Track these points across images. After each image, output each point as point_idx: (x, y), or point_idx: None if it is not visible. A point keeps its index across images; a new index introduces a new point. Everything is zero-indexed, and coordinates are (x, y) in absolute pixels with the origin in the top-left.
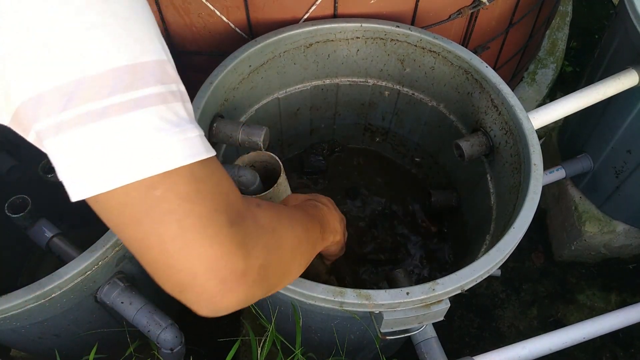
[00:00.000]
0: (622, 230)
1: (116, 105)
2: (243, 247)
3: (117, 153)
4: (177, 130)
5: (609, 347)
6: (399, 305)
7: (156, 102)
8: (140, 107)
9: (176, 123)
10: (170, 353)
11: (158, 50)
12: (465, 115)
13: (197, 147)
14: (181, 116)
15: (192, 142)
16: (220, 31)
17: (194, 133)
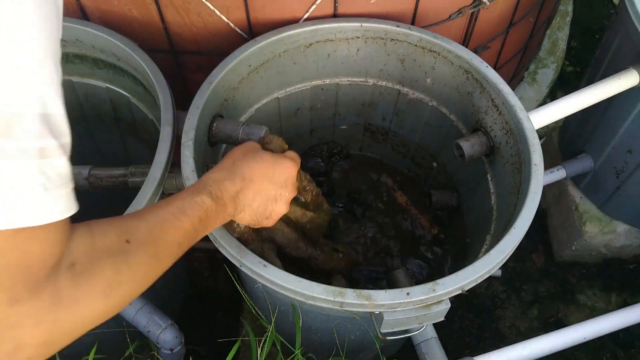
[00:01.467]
0: (623, 230)
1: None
2: (15, 328)
3: None
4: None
5: (610, 348)
6: (399, 306)
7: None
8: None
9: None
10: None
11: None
12: (465, 115)
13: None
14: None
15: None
16: (220, 31)
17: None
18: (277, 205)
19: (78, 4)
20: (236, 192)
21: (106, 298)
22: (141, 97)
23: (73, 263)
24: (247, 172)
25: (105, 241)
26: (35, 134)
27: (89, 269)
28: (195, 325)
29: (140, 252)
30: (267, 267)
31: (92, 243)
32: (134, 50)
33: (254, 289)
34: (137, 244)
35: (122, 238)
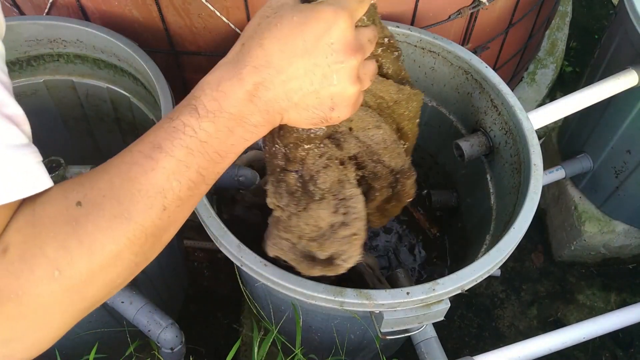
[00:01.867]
0: (622, 230)
1: None
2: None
3: None
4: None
5: (609, 347)
6: (399, 305)
7: None
8: None
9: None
10: (171, 352)
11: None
12: (465, 115)
13: None
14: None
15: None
16: (220, 32)
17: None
18: (336, 88)
19: (79, 4)
20: (248, 92)
21: (54, 283)
22: (142, 97)
23: (6, 247)
24: (260, 54)
25: (48, 211)
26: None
27: (27, 250)
28: (196, 325)
29: (97, 215)
30: (267, 266)
31: (32, 216)
32: (135, 50)
33: (255, 289)
34: (91, 204)
35: (71, 201)
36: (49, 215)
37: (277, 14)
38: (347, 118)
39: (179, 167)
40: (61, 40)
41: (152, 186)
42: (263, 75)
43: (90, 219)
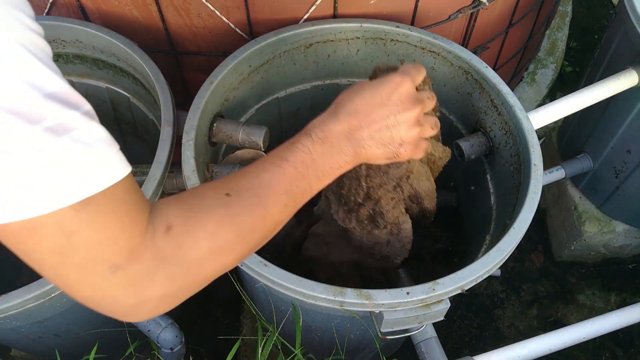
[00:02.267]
0: (622, 230)
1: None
2: (131, 287)
3: None
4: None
5: (609, 347)
6: (399, 305)
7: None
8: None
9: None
10: (171, 352)
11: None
12: (465, 115)
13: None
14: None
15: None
16: (220, 31)
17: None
18: (403, 129)
19: (78, 4)
20: (344, 129)
21: (213, 251)
22: (141, 97)
23: (169, 226)
24: (350, 106)
25: (203, 200)
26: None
27: (189, 228)
28: (195, 325)
29: (242, 202)
30: (267, 266)
31: (188, 205)
32: (134, 50)
33: (254, 289)
34: (237, 195)
35: (221, 193)
36: (204, 203)
37: (360, 84)
38: (411, 158)
39: (298, 175)
40: (60, 40)
41: (280, 186)
42: (353, 118)
43: (238, 204)
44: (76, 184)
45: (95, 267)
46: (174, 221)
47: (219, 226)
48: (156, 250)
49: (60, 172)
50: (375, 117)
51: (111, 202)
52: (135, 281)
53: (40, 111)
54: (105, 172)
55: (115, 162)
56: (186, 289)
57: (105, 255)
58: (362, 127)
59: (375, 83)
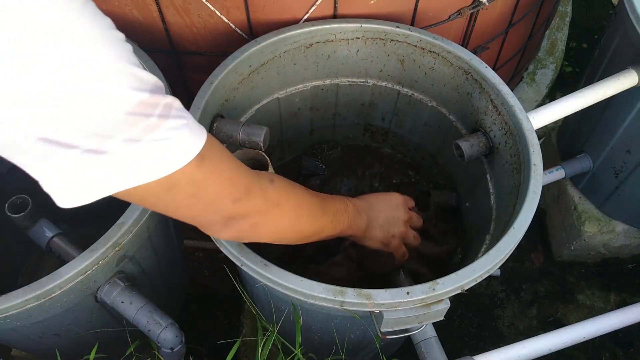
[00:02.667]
0: (622, 230)
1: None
2: (248, 214)
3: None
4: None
5: (609, 347)
6: (399, 305)
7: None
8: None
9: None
10: (171, 352)
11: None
12: (465, 115)
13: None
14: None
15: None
16: (220, 31)
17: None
18: (396, 226)
19: None
20: (361, 216)
21: (293, 216)
22: None
23: (272, 180)
24: (368, 207)
25: (295, 189)
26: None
27: (285, 188)
28: (196, 325)
29: (308, 212)
30: (267, 266)
31: (279, 177)
32: (135, 50)
33: (255, 289)
34: (308, 208)
35: (305, 193)
36: (274, 196)
37: (376, 194)
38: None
39: (330, 226)
40: None
41: (311, 221)
42: (368, 212)
43: (286, 211)
44: (190, 144)
45: (222, 201)
46: (275, 178)
47: (297, 205)
48: (263, 192)
49: (176, 140)
50: (381, 215)
51: (216, 150)
52: (251, 210)
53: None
54: (198, 131)
55: (197, 123)
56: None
57: (229, 192)
58: (371, 218)
59: (384, 195)
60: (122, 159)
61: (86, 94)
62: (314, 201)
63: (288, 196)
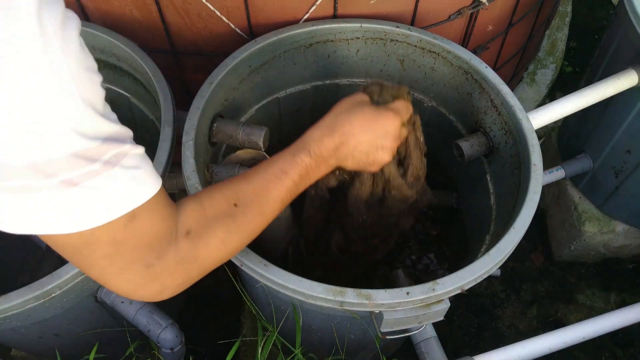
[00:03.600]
0: (622, 230)
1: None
2: (157, 279)
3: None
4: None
5: (609, 347)
6: (399, 305)
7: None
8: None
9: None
10: (171, 353)
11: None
12: (464, 115)
13: (114, 207)
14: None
15: (110, 203)
16: (220, 32)
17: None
18: (380, 154)
19: (78, 4)
20: (336, 146)
21: (220, 251)
22: (141, 98)
23: (188, 231)
24: (348, 127)
25: (215, 208)
26: (108, 151)
27: (203, 233)
28: (195, 325)
29: (247, 213)
30: (267, 266)
31: (203, 212)
32: (134, 50)
33: (255, 289)
34: (244, 206)
35: (230, 202)
36: (217, 212)
37: (361, 106)
38: (373, 171)
39: (294, 187)
40: None
41: (279, 197)
42: (347, 138)
43: (243, 215)
44: (125, 200)
45: (134, 267)
46: (192, 227)
47: (226, 233)
48: (177, 251)
49: (113, 192)
50: (362, 141)
51: (152, 211)
52: (160, 275)
53: (98, 151)
54: (145, 188)
55: (152, 177)
56: (196, 277)
57: (143, 257)
58: (349, 147)
59: (375, 112)
60: (52, 201)
61: (35, 130)
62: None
63: (206, 241)
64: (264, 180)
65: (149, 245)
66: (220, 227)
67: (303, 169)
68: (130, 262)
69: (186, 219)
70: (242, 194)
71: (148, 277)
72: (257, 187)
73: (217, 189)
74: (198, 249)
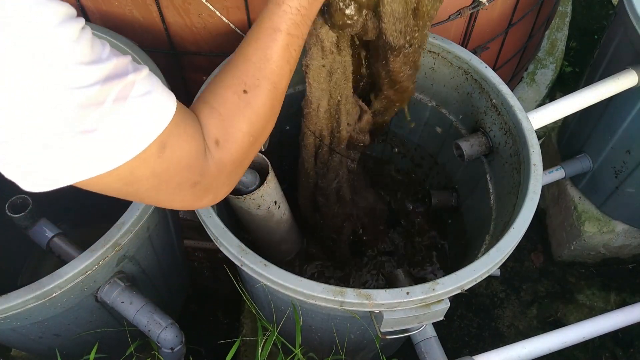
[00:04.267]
0: (622, 230)
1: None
2: (207, 192)
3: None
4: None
5: (609, 347)
6: (399, 305)
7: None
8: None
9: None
10: (171, 352)
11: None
12: (465, 115)
13: (141, 137)
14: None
15: (135, 135)
16: (220, 31)
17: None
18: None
19: (79, 4)
20: None
21: (251, 141)
22: None
23: (217, 140)
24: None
25: (228, 105)
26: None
27: (229, 136)
28: (196, 325)
29: (259, 94)
30: (267, 266)
31: (219, 115)
32: (134, 50)
33: (255, 289)
34: (253, 87)
35: (239, 91)
36: (230, 109)
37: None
38: None
39: (293, 39)
40: None
41: (283, 58)
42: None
43: (256, 97)
44: (149, 127)
45: (182, 189)
46: (217, 134)
47: (250, 124)
48: (215, 162)
49: (135, 124)
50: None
51: (178, 135)
52: (209, 187)
53: (102, 93)
54: (163, 111)
55: (165, 95)
56: (242, 171)
57: (187, 179)
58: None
59: None
60: (76, 150)
61: (39, 88)
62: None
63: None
64: (259, 50)
65: (187, 167)
66: (241, 122)
67: (295, 15)
68: (176, 187)
69: (209, 129)
70: (246, 76)
71: (199, 193)
72: (257, 61)
73: (220, 83)
74: (231, 151)
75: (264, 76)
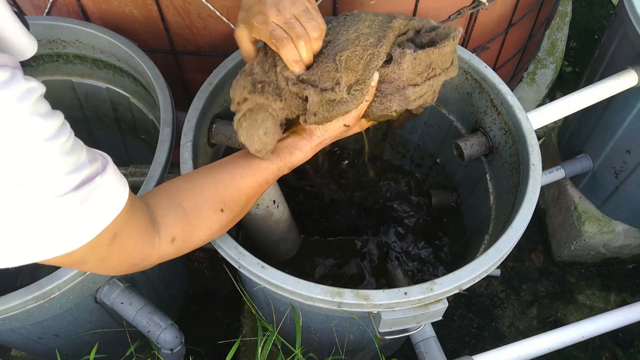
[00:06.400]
0: (622, 230)
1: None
2: (139, 269)
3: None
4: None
5: (609, 347)
6: (397, 305)
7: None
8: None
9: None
10: (170, 353)
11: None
12: (464, 115)
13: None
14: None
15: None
16: (220, 32)
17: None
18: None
19: (79, 4)
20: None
21: (203, 243)
22: (141, 97)
23: (174, 238)
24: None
25: (201, 219)
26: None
27: (188, 239)
28: (196, 325)
29: (231, 216)
30: (265, 268)
31: (188, 222)
32: (134, 50)
33: (254, 290)
34: (230, 209)
35: (217, 210)
36: (202, 221)
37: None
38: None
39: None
40: (60, 40)
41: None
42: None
43: (229, 217)
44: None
45: (122, 267)
46: (179, 236)
47: (211, 235)
48: (161, 254)
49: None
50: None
51: (128, 227)
52: (147, 267)
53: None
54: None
55: (120, 190)
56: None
57: (128, 262)
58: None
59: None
60: (40, 239)
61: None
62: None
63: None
64: (249, 189)
65: (132, 253)
66: (206, 233)
67: (285, 171)
68: (117, 266)
69: (171, 229)
70: (229, 198)
71: (134, 269)
72: (243, 186)
73: (201, 197)
74: (181, 250)
75: (242, 205)
